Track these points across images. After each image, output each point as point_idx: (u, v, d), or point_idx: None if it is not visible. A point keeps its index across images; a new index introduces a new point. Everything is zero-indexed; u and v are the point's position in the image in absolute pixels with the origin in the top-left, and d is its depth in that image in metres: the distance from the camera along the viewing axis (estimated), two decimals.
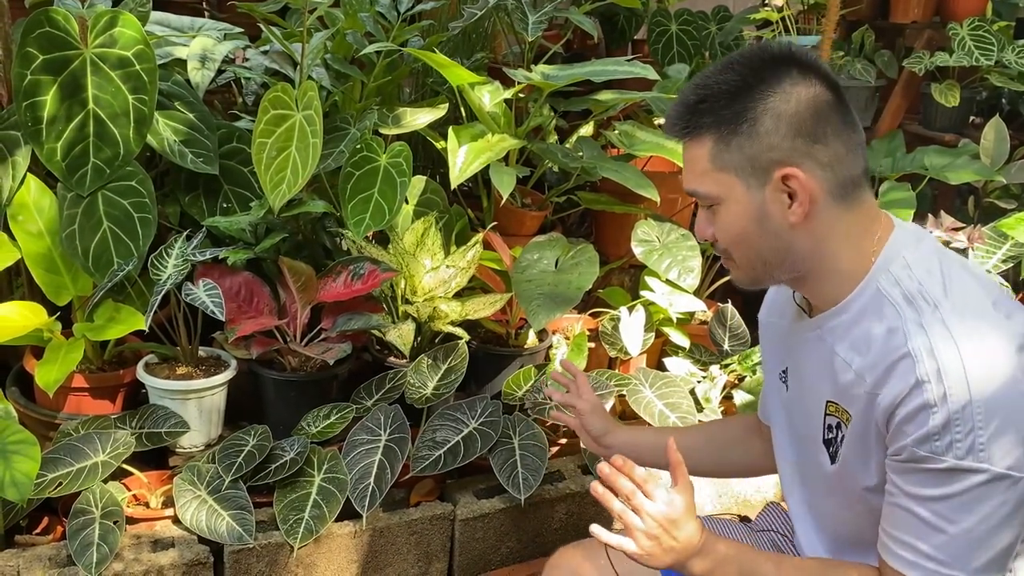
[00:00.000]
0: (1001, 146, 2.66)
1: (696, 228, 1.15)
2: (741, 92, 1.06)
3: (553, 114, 2.52)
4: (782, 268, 1.11)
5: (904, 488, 1.02)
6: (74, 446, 1.73)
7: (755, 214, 1.08)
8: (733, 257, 1.13)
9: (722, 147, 1.07)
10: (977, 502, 0.98)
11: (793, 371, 1.23)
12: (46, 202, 1.92)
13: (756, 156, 1.06)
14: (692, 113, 1.09)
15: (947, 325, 1.00)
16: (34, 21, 1.84)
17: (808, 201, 1.06)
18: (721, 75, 1.08)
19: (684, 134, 1.11)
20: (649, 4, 3.35)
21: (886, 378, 1.02)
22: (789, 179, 1.05)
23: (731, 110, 1.06)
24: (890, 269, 1.07)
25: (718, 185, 1.08)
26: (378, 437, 1.85)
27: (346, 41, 2.31)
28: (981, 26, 2.87)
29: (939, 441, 0.98)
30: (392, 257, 2.04)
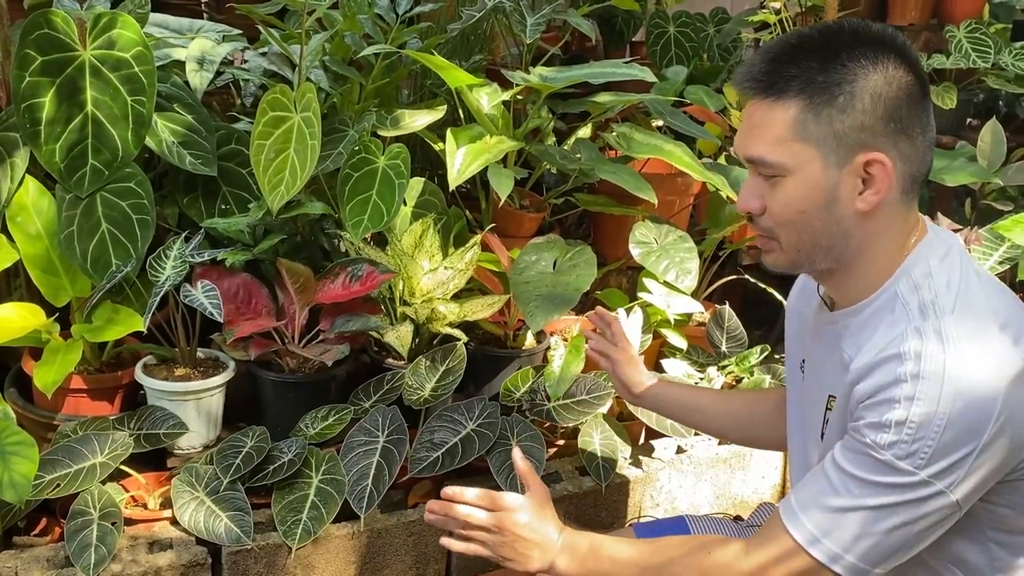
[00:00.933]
0: (998, 148, 2.66)
1: (741, 197, 1.07)
2: (840, 61, 1.00)
3: (551, 116, 2.52)
4: (827, 256, 1.06)
5: (837, 460, 1.03)
6: (72, 447, 1.73)
7: (825, 194, 1.02)
8: (778, 236, 1.06)
9: (810, 115, 1.00)
10: (892, 494, 0.98)
11: (809, 363, 1.23)
12: (44, 203, 1.92)
13: (846, 133, 1.00)
14: (781, 71, 1.01)
15: (943, 336, 0.99)
16: (33, 23, 1.85)
17: (884, 191, 1.02)
18: (817, 38, 1.02)
19: (766, 92, 1.02)
20: (647, 6, 3.36)
21: (870, 372, 1.01)
22: (873, 164, 1.01)
23: (828, 78, 1.00)
24: (912, 273, 1.05)
25: (794, 156, 1.01)
26: (376, 438, 1.85)
27: (344, 43, 2.31)
28: (978, 28, 2.88)
29: (886, 435, 0.98)
30: (390, 259, 2.04)
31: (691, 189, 2.61)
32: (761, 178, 1.05)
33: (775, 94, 1.02)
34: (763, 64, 1.03)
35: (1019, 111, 3.34)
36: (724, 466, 2.15)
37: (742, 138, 1.06)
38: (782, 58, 1.02)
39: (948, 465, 0.97)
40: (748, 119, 1.05)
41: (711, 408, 1.50)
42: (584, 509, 1.97)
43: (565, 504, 1.95)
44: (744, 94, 1.05)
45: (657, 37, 3.24)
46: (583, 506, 1.97)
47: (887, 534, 0.99)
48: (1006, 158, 2.69)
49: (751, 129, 1.05)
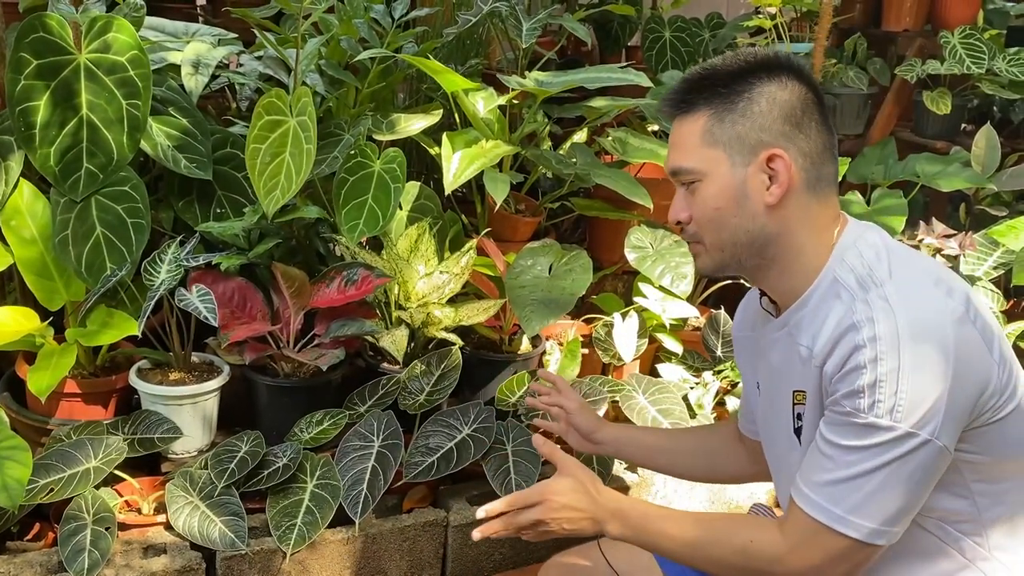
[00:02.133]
0: (992, 153, 2.67)
1: (671, 209, 1.19)
2: (741, 75, 1.14)
3: (547, 120, 2.53)
4: (749, 252, 1.16)
5: (825, 436, 1.09)
6: (66, 452, 1.72)
7: (735, 192, 1.14)
8: (703, 239, 1.17)
9: (715, 122, 1.13)
10: (883, 455, 1.04)
11: (763, 374, 1.28)
12: (39, 207, 1.92)
13: (746, 134, 1.13)
14: (691, 89, 1.15)
15: (887, 299, 1.07)
16: (28, 26, 1.84)
17: (787, 183, 1.13)
18: (724, 61, 1.17)
19: (680, 109, 1.16)
20: (643, 11, 3.36)
21: (833, 349, 1.09)
22: (774, 160, 1.12)
23: (730, 89, 1.14)
24: (845, 258, 1.14)
25: (705, 161, 1.14)
26: (371, 443, 1.85)
27: (340, 47, 2.31)
28: (972, 34, 2.89)
29: (863, 399, 1.05)
30: (386, 263, 2.04)
31: None
32: (684, 190, 1.17)
33: (686, 109, 1.16)
34: (678, 86, 1.17)
35: (1013, 116, 3.35)
36: None
37: (667, 157, 1.20)
38: (691, 81, 1.16)
39: (925, 412, 1.04)
40: (670, 139, 1.19)
41: (671, 446, 1.52)
42: None
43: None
44: (665, 118, 1.18)
45: (653, 42, 3.25)
46: None
47: (892, 492, 1.05)
48: (1000, 163, 2.70)
49: (671, 147, 1.18)
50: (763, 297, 1.25)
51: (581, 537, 1.20)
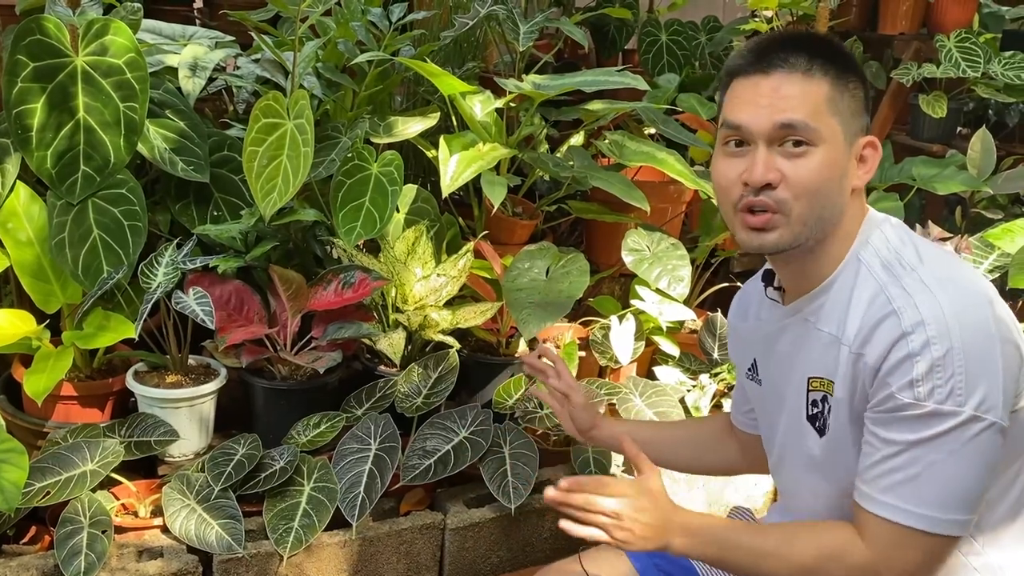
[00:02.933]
0: (988, 157, 2.68)
1: (757, 169, 1.10)
2: (849, 57, 1.14)
3: (544, 123, 2.53)
4: (822, 231, 1.12)
5: (884, 436, 1.06)
6: (62, 455, 1.72)
7: (842, 168, 1.11)
8: (791, 210, 1.10)
9: (836, 93, 1.11)
10: (952, 442, 1.02)
11: (763, 361, 1.27)
12: (36, 210, 1.92)
13: (856, 113, 1.12)
14: (813, 53, 1.11)
15: (926, 283, 1.06)
16: (25, 29, 1.84)
17: (874, 170, 1.14)
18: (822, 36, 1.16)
19: (798, 67, 1.10)
20: (640, 14, 3.37)
21: (871, 336, 1.07)
22: (868, 146, 1.14)
23: (844, 67, 1.12)
24: (869, 242, 1.14)
25: (827, 127, 1.10)
26: (368, 446, 1.85)
27: (338, 50, 2.31)
28: (968, 38, 2.89)
29: (922, 387, 1.03)
30: (383, 266, 2.04)
31: (683, 197, 2.62)
32: (775, 152, 1.10)
33: (807, 70, 1.10)
34: (788, 45, 1.12)
35: (1009, 120, 3.36)
36: None
37: (772, 107, 1.10)
38: (811, 45, 1.12)
39: (984, 393, 1.02)
40: (775, 91, 1.10)
41: (663, 438, 1.51)
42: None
43: (558, 512, 1.94)
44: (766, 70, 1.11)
45: (649, 45, 3.25)
46: None
47: (967, 479, 1.04)
48: (996, 167, 2.70)
49: (784, 99, 1.10)
50: (768, 286, 1.24)
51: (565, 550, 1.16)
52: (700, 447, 1.49)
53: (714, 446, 1.47)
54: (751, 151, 1.11)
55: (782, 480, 1.30)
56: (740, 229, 1.14)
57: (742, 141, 1.13)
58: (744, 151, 1.12)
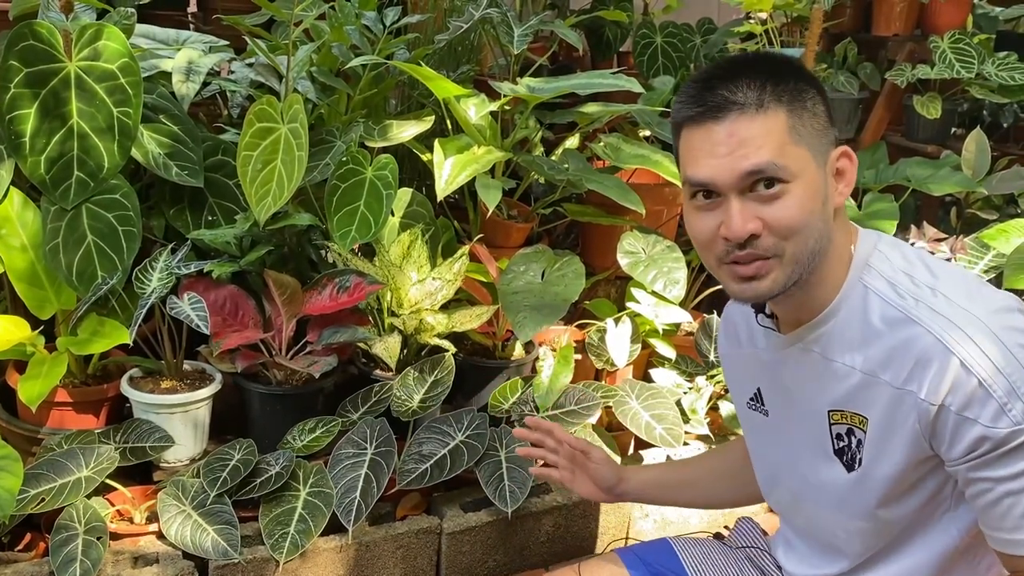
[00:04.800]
0: (982, 157, 2.68)
1: (735, 224, 1.02)
2: (797, 71, 1.06)
3: (539, 126, 2.53)
4: (816, 261, 1.05)
5: (1000, 475, 0.99)
6: (57, 461, 1.71)
7: (821, 194, 1.04)
8: (783, 251, 1.03)
9: (795, 119, 1.02)
10: None
11: (772, 393, 1.21)
12: (29, 216, 1.91)
13: (820, 131, 1.05)
14: (759, 77, 1.03)
15: (953, 300, 1.01)
16: (18, 34, 1.84)
17: (852, 182, 1.06)
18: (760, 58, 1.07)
19: (749, 107, 1.02)
20: (634, 17, 3.37)
21: (916, 370, 1.00)
22: (842, 157, 1.06)
23: (794, 85, 1.04)
24: (870, 263, 1.07)
25: (796, 160, 1.02)
26: (364, 451, 1.84)
27: (332, 54, 2.31)
28: (962, 39, 2.90)
29: (1013, 409, 0.96)
30: (378, 269, 2.03)
31: (679, 199, 2.62)
32: (748, 200, 1.02)
33: (760, 104, 1.02)
34: (731, 79, 1.03)
35: (1003, 120, 3.36)
36: None
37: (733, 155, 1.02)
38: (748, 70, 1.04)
39: None
40: (732, 136, 1.02)
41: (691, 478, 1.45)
42: (573, 520, 1.97)
43: (554, 515, 1.94)
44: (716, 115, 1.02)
45: (644, 47, 3.26)
46: (572, 517, 1.96)
47: None
48: (990, 167, 2.71)
49: (744, 143, 1.02)
50: (759, 313, 1.17)
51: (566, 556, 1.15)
52: (734, 476, 1.41)
53: (745, 472, 1.38)
54: (723, 202, 1.03)
55: (795, 516, 1.25)
56: (730, 281, 1.07)
57: (710, 192, 1.04)
58: (715, 203, 1.04)
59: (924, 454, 1.05)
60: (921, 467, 1.06)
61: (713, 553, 1.38)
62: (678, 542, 1.40)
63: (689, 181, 1.06)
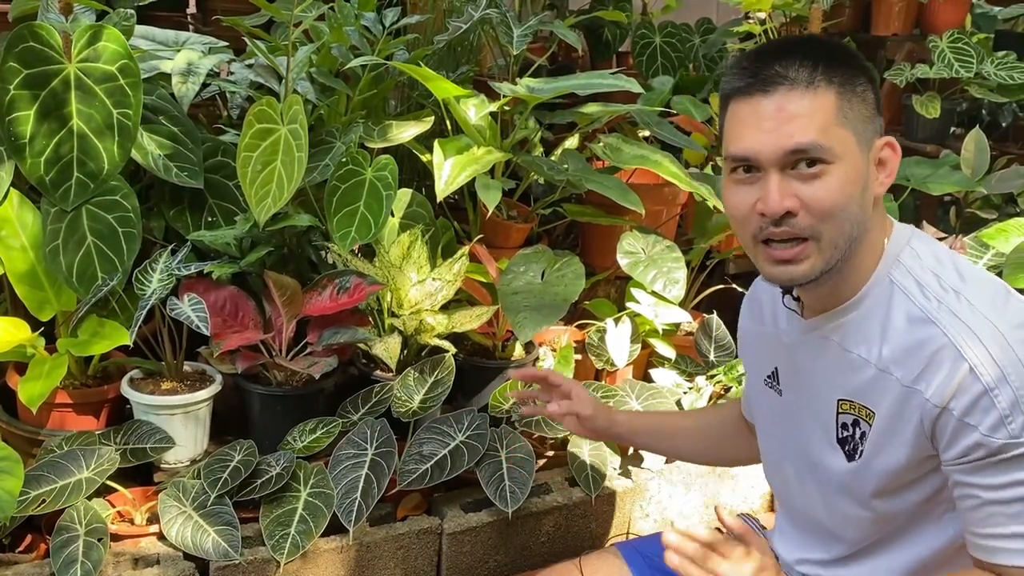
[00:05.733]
0: (982, 157, 2.68)
1: (772, 199, 1.02)
2: (850, 56, 1.06)
3: (539, 127, 2.53)
4: (853, 248, 1.05)
5: (989, 483, 1.00)
6: (58, 463, 1.71)
7: (862, 179, 1.04)
8: (820, 234, 1.03)
9: (844, 102, 1.03)
10: None
11: (788, 374, 1.22)
12: (29, 217, 1.91)
13: (868, 118, 1.05)
14: (814, 58, 1.03)
15: (976, 306, 1.01)
16: (17, 35, 1.84)
17: (895, 173, 1.07)
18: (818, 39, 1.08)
19: (799, 83, 1.02)
20: (633, 17, 3.37)
21: (927, 370, 1.01)
22: (885, 147, 1.06)
23: (847, 69, 1.04)
24: (900, 259, 1.07)
25: (840, 142, 1.02)
26: (364, 451, 1.84)
27: (331, 55, 2.31)
28: (960, 38, 2.90)
29: (1013, 423, 0.97)
30: (378, 270, 2.03)
31: (678, 199, 2.62)
32: (788, 176, 1.03)
33: (811, 83, 1.03)
34: (786, 55, 1.04)
35: (1002, 120, 3.37)
36: (713, 476, 2.15)
37: (778, 131, 1.02)
38: (804, 49, 1.05)
39: None
40: (780, 111, 1.02)
41: (676, 430, 1.49)
42: (574, 520, 1.97)
43: (555, 516, 1.94)
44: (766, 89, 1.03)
45: (643, 47, 3.26)
46: (573, 517, 1.96)
47: None
48: (990, 167, 2.71)
49: (790, 119, 1.02)
50: (787, 294, 1.18)
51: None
52: (718, 438, 1.45)
53: (730, 436, 1.43)
54: (762, 177, 1.04)
55: (794, 498, 1.26)
56: (765, 262, 1.07)
57: (750, 167, 1.05)
58: (755, 177, 1.05)
59: (925, 452, 1.06)
60: (923, 465, 1.07)
61: None
62: None
63: (732, 155, 1.07)
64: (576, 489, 1.98)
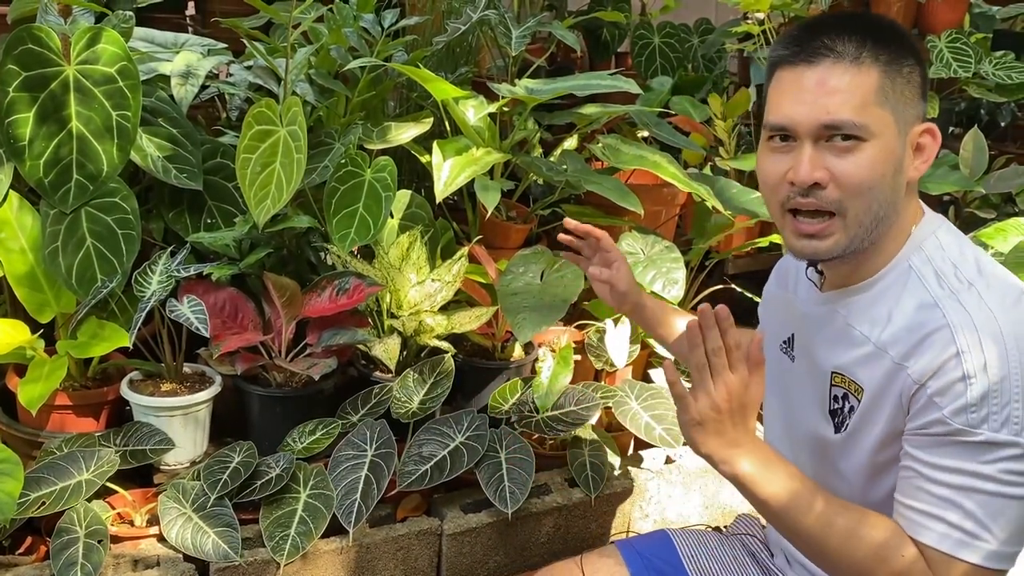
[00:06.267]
0: (980, 157, 2.69)
1: (803, 168, 1.04)
2: (903, 38, 1.07)
3: (537, 128, 2.53)
4: (877, 230, 1.07)
5: (932, 461, 1.01)
6: (58, 465, 1.71)
7: (896, 161, 1.05)
8: (846, 210, 1.05)
9: (887, 81, 1.04)
10: (1007, 473, 0.98)
11: (800, 342, 1.23)
12: (28, 219, 1.91)
13: (909, 101, 1.06)
14: (863, 34, 1.04)
15: (985, 300, 1.02)
16: (16, 38, 1.84)
17: (932, 160, 1.08)
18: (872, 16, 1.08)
19: (845, 58, 1.04)
20: (632, 17, 3.38)
21: (918, 349, 1.02)
22: (925, 134, 1.07)
23: (897, 50, 1.05)
24: (923, 247, 1.08)
25: (877, 120, 1.03)
26: (364, 452, 1.84)
27: (330, 56, 2.31)
28: (959, 38, 2.91)
29: (975, 413, 0.98)
30: (377, 271, 2.04)
31: (677, 199, 2.62)
32: (822, 148, 1.04)
33: (855, 58, 1.04)
34: (835, 29, 1.05)
35: (1000, 119, 3.37)
36: (713, 476, 2.15)
37: (816, 103, 1.03)
38: (854, 24, 1.06)
39: None
40: (821, 85, 1.04)
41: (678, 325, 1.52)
42: (574, 521, 1.97)
43: (555, 516, 1.94)
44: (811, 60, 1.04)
45: (642, 48, 3.26)
46: (572, 518, 1.97)
47: (1016, 509, 0.99)
48: (988, 166, 2.71)
49: (830, 93, 1.03)
50: (810, 267, 1.19)
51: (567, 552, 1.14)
52: None
53: None
54: (797, 147, 1.06)
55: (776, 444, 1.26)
56: (790, 234, 1.09)
57: (787, 136, 1.07)
58: (790, 146, 1.07)
59: (900, 429, 1.07)
60: (898, 443, 1.08)
61: (709, 542, 1.41)
62: (676, 533, 1.42)
63: (769, 123, 1.08)
64: (576, 490, 1.98)
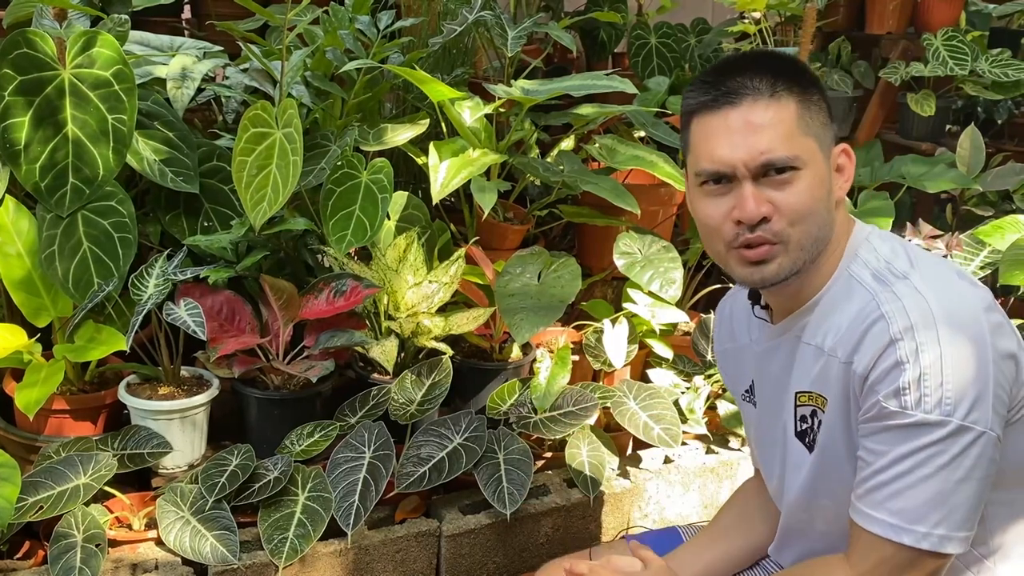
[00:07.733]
0: (977, 154, 2.69)
1: (748, 207, 1.06)
2: (804, 70, 1.12)
3: (534, 128, 2.53)
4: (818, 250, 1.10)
5: (873, 448, 1.04)
6: (55, 469, 1.71)
7: (826, 184, 1.09)
8: (789, 238, 1.08)
9: (804, 110, 1.08)
10: (940, 455, 0.99)
11: (758, 383, 1.25)
12: (25, 223, 1.91)
13: (825, 126, 1.10)
14: (774, 70, 1.08)
15: (918, 289, 1.05)
16: (11, 42, 1.84)
17: (852, 178, 1.13)
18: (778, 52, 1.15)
19: (761, 94, 1.07)
20: (629, 18, 3.38)
21: (860, 344, 1.05)
22: (841, 154, 1.12)
23: (803, 79, 1.10)
24: (859, 254, 1.12)
25: (805, 149, 1.07)
26: (362, 454, 1.84)
27: (326, 58, 2.31)
28: (955, 36, 2.91)
29: (908, 396, 1.00)
30: (374, 273, 2.03)
31: (674, 199, 2.62)
32: (761, 185, 1.07)
33: (773, 93, 1.07)
34: (747, 69, 1.09)
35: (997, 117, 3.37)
36: (712, 475, 2.15)
37: (747, 143, 1.06)
38: (763, 63, 1.09)
39: (973, 402, 0.99)
40: (747, 124, 1.06)
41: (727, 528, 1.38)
42: (572, 521, 1.97)
43: (553, 517, 1.94)
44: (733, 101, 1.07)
45: (639, 48, 3.26)
46: (571, 518, 1.96)
47: (957, 494, 1.00)
48: (985, 164, 2.71)
49: (757, 131, 1.06)
50: (756, 305, 1.22)
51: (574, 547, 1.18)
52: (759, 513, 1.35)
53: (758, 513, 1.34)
54: (735, 187, 1.08)
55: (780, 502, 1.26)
56: (737, 265, 1.11)
57: (721, 178, 1.09)
58: (727, 188, 1.09)
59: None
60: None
61: None
62: (686, 530, 1.42)
63: (703, 170, 1.10)
64: (574, 490, 1.98)
